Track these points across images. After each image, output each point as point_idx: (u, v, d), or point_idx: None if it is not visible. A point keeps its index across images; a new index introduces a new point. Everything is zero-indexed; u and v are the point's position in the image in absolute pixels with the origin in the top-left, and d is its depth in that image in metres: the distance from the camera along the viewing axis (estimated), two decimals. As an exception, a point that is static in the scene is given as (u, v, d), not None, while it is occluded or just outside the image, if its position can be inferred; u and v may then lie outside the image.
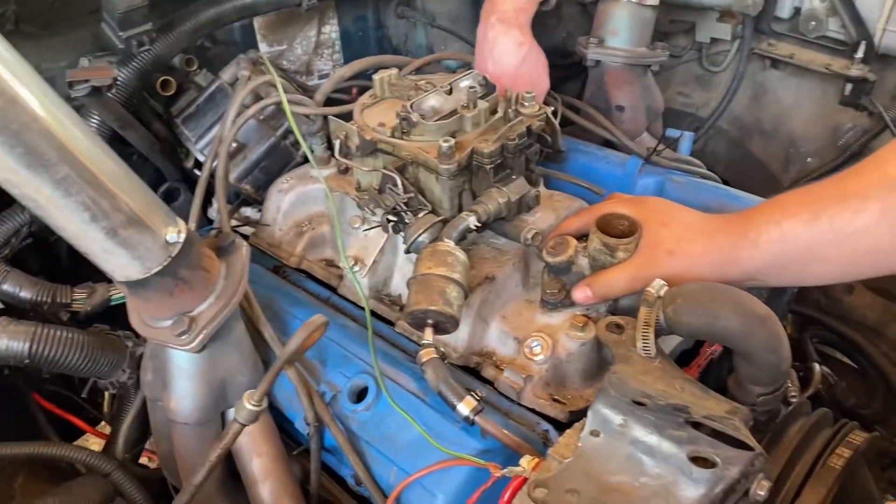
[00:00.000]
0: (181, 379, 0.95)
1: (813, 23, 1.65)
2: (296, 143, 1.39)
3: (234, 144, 1.33)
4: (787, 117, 1.77)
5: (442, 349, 1.04)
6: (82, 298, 1.14)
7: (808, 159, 1.74)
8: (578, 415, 1.01)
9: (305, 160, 1.41)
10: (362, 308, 1.19)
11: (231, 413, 1.01)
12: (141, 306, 0.92)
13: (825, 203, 0.93)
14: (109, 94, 1.20)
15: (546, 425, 0.98)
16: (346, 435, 0.98)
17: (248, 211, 1.48)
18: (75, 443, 1.33)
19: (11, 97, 0.66)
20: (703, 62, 1.85)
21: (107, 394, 1.16)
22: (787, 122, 1.77)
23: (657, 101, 1.54)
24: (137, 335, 0.96)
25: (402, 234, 1.11)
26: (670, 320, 0.90)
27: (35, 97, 0.68)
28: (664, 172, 1.34)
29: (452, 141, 1.06)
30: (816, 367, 1.64)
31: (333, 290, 1.26)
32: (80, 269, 1.13)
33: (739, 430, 0.79)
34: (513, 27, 1.37)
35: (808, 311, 1.78)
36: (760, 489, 0.72)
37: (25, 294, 1.11)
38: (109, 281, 1.14)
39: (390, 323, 1.18)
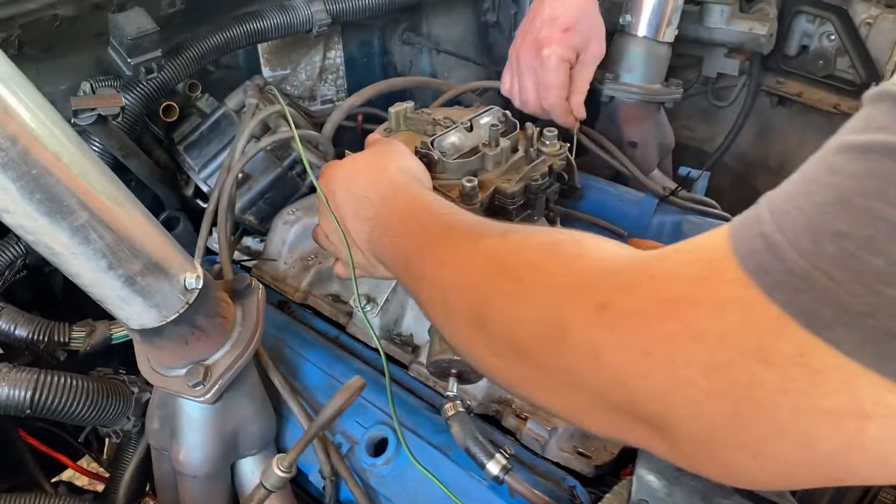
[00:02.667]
0: (191, 430, 0.90)
1: (821, 62, 1.63)
2: (302, 174, 1.35)
3: (240, 175, 1.28)
4: (793, 155, 1.75)
5: (468, 401, 1.00)
6: (81, 337, 1.06)
7: (813, 197, 1.73)
8: (603, 468, 0.98)
9: (312, 191, 1.36)
10: (371, 348, 1.14)
11: (242, 464, 0.96)
12: (152, 354, 0.87)
13: None
14: (115, 122, 1.15)
15: (573, 481, 0.94)
16: (363, 490, 0.93)
17: (248, 241, 1.43)
18: (59, 477, 1.27)
19: (32, 139, 0.61)
20: (709, 96, 1.83)
21: (107, 441, 1.09)
22: (792, 159, 1.75)
23: (668, 137, 1.52)
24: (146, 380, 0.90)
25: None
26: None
27: (56, 139, 0.63)
28: (680, 213, 1.32)
29: (476, 181, 1.02)
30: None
31: (341, 327, 1.21)
32: (74, 300, 1.06)
33: (784, 496, 0.76)
34: None
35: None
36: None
37: (21, 332, 1.03)
38: (109, 317, 1.08)
39: (403, 365, 1.14)
